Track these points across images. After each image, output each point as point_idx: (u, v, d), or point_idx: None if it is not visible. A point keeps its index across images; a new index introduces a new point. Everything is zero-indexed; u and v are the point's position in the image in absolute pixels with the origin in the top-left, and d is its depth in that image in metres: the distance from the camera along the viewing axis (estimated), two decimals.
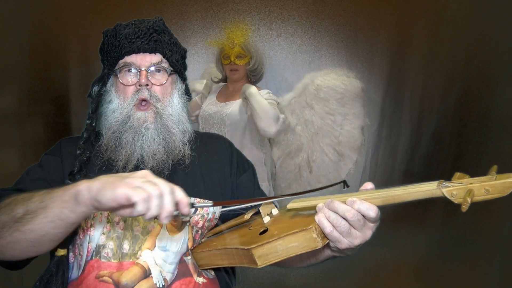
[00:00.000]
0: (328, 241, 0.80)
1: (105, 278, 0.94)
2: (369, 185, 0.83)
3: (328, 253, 0.90)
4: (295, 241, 0.79)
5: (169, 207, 0.71)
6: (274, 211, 0.95)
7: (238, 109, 2.47)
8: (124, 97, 1.04)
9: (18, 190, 0.96)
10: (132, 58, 1.03)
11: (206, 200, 1.04)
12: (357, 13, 2.89)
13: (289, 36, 3.01)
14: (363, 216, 0.77)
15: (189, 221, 1.02)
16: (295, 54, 3.04)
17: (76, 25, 2.78)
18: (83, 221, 0.99)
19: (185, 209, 0.74)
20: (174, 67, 1.08)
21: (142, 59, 1.03)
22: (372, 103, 2.93)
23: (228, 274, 1.09)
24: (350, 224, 0.78)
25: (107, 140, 1.03)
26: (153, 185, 0.71)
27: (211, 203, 0.83)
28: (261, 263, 0.82)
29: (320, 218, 0.79)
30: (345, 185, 1.00)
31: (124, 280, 0.93)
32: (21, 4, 2.53)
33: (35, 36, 2.67)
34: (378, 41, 2.94)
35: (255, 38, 2.74)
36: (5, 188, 0.99)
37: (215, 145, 1.18)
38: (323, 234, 0.79)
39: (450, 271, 2.60)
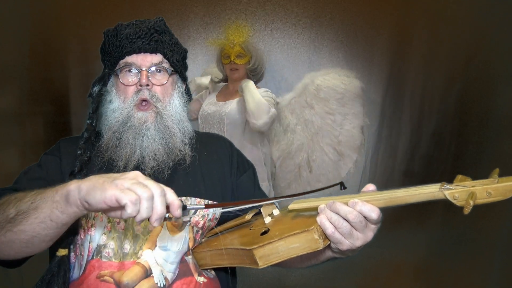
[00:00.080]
0: (329, 242, 0.80)
1: (106, 278, 0.94)
2: (371, 187, 0.83)
3: (329, 254, 0.90)
4: (296, 242, 0.79)
5: (159, 209, 0.70)
6: (275, 212, 0.95)
7: (236, 107, 2.47)
8: (124, 97, 1.04)
9: (16, 190, 0.95)
10: (133, 58, 1.04)
11: (202, 201, 1.04)
12: (357, 13, 2.88)
13: (289, 36, 3.01)
14: (365, 217, 0.77)
15: (189, 221, 1.02)
16: (295, 54, 3.04)
17: (76, 25, 2.77)
18: (84, 221, 0.99)
19: (176, 211, 0.72)
20: (174, 67, 1.08)
21: (143, 59, 1.03)
22: (372, 103, 2.93)
23: (228, 274, 1.09)
24: (352, 226, 0.78)
25: (107, 140, 1.03)
26: (143, 187, 0.69)
27: (203, 205, 0.82)
28: (262, 263, 0.81)
29: (322, 219, 0.79)
30: (342, 187, 1.00)
31: (125, 280, 0.94)
32: (21, 4, 2.53)
33: (35, 36, 2.67)
34: (378, 41, 2.94)
35: (255, 38, 2.74)
36: (2, 188, 0.99)
37: (216, 145, 1.18)
38: (325, 235, 0.79)
39: (450, 271, 2.60)
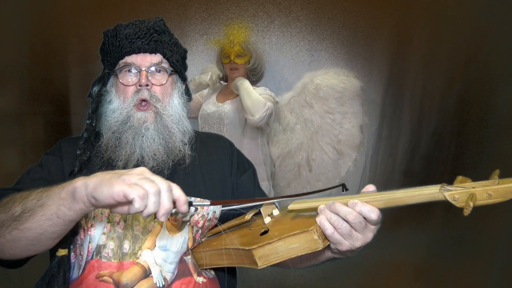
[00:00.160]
0: (329, 243, 0.80)
1: (106, 278, 0.94)
2: (370, 188, 0.83)
3: (328, 254, 0.90)
4: (296, 242, 0.79)
5: (166, 204, 0.70)
6: (275, 212, 0.95)
7: (236, 107, 2.47)
8: (124, 97, 1.04)
9: (18, 190, 0.95)
10: (133, 58, 1.04)
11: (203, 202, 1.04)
12: (357, 13, 2.88)
13: (289, 36, 3.01)
14: (365, 218, 0.77)
15: (189, 221, 1.02)
16: (295, 54, 3.04)
17: (76, 25, 2.77)
18: (84, 221, 0.99)
19: (183, 207, 0.73)
20: (174, 67, 1.08)
21: (143, 59, 1.03)
22: (372, 103, 2.93)
23: (228, 274, 1.09)
24: (352, 226, 0.78)
25: (107, 140, 1.03)
26: (150, 182, 0.70)
27: (208, 202, 0.83)
28: (261, 263, 0.81)
29: (322, 219, 0.79)
30: (344, 188, 1.00)
31: (124, 280, 0.94)
32: (21, 4, 2.53)
33: (35, 36, 2.67)
34: (378, 41, 2.94)
35: (255, 38, 2.74)
36: (4, 188, 0.99)
37: (216, 145, 1.18)
38: (324, 235, 0.79)
39: (450, 271, 2.60)
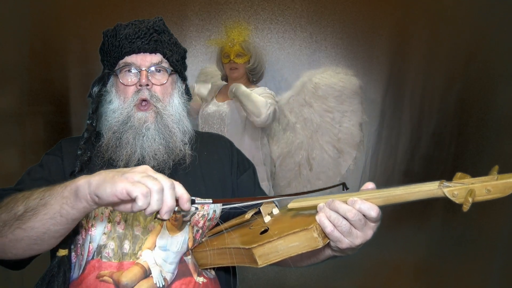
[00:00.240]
0: (328, 241, 0.80)
1: (106, 278, 0.94)
2: (370, 185, 0.83)
3: (328, 252, 0.90)
4: (296, 241, 0.79)
5: (169, 202, 0.71)
6: (275, 211, 0.95)
7: (236, 107, 2.47)
8: (124, 97, 1.04)
9: (19, 190, 0.95)
10: (132, 58, 1.04)
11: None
12: (357, 13, 2.88)
13: (289, 36, 3.01)
14: (364, 216, 0.77)
15: (189, 221, 1.02)
16: (295, 54, 3.04)
17: (76, 25, 2.77)
18: (85, 221, 0.99)
19: (186, 205, 0.73)
20: (174, 67, 1.08)
21: (143, 59, 1.04)
22: (372, 103, 2.93)
23: (228, 273, 1.09)
24: (351, 224, 0.78)
25: (107, 140, 1.04)
26: (153, 180, 0.70)
27: (211, 200, 0.83)
28: (261, 262, 0.82)
29: (321, 217, 0.79)
30: (344, 187, 1.00)
31: (124, 280, 0.94)
32: (21, 4, 2.52)
33: (35, 36, 2.67)
34: (378, 41, 2.94)
35: (254, 38, 2.75)
36: (5, 188, 0.99)
37: (216, 144, 1.18)
38: (324, 233, 0.79)
39: (450, 271, 2.60)
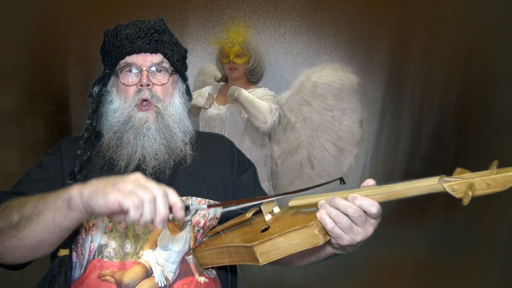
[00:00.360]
0: (329, 237, 0.80)
1: (107, 278, 0.94)
2: (370, 182, 0.84)
3: (329, 250, 0.90)
4: (296, 238, 0.79)
5: (162, 211, 0.70)
6: (276, 209, 0.95)
7: (237, 109, 2.46)
8: (125, 97, 1.04)
9: (17, 193, 0.96)
10: (133, 58, 1.04)
11: (202, 200, 1.04)
12: (357, 13, 2.89)
13: (289, 36, 3.01)
14: (365, 212, 0.78)
15: (190, 221, 1.02)
16: (294, 54, 3.04)
17: (76, 25, 2.77)
18: (86, 221, 0.99)
19: (179, 213, 0.72)
20: (175, 67, 1.08)
21: (143, 59, 1.04)
22: (372, 102, 2.94)
23: (229, 273, 1.09)
24: (352, 221, 0.78)
25: (108, 140, 1.03)
26: (145, 189, 0.69)
27: (205, 205, 0.82)
28: (262, 260, 0.81)
29: (322, 214, 0.79)
30: (341, 181, 1.00)
31: (126, 280, 0.94)
32: (21, 4, 2.52)
33: (35, 36, 2.67)
34: (378, 41, 2.94)
35: (254, 38, 2.74)
36: (3, 191, 0.99)
37: (216, 144, 1.18)
38: (325, 230, 0.79)
39: (450, 270, 2.60)
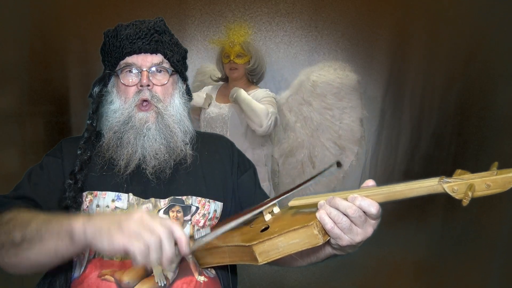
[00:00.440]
0: (329, 238, 0.80)
1: (107, 277, 0.94)
2: (370, 182, 0.84)
3: (329, 251, 0.90)
4: (296, 238, 0.79)
5: (169, 253, 0.71)
6: (276, 209, 0.95)
7: (237, 109, 2.46)
8: (125, 98, 1.04)
9: (20, 197, 0.97)
10: (133, 58, 1.04)
11: (203, 200, 1.04)
12: (357, 13, 2.89)
13: (289, 36, 3.01)
14: (365, 212, 0.78)
15: (190, 220, 1.02)
16: (294, 54, 3.05)
17: (76, 25, 2.77)
18: None
19: (185, 248, 0.73)
20: (175, 67, 1.08)
21: (143, 60, 1.04)
22: (372, 102, 2.94)
23: (229, 273, 1.09)
24: (351, 221, 0.78)
25: (108, 140, 1.04)
26: (150, 233, 0.70)
27: (209, 230, 0.81)
28: (262, 259, 0.81)
29: (321, 214, 0.79)
30: (338, 165, 0.99)
31: (126, 279, 0.94)
32: (21, 4, 2.52)
33: (35, 36, 2.67)
34: (378, 41, 2.94)
35: (254, 38, 2.74)
36: (6, 195, 0.99)
37: (217, 145, 1.18)
38: (324, 230, 0.79)
39: (450, 270, 2.60)
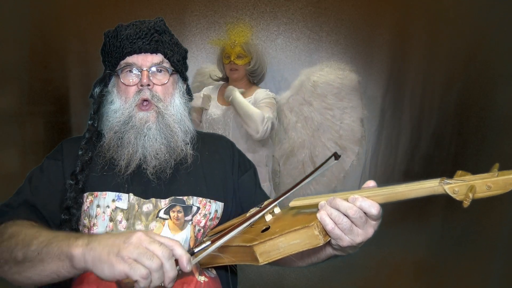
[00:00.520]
0: (329, 238, 0.80)
1: None
2: (371, 183, 0.84)
3: (329, 251, 0.90)
4: (297, 238, 0.79)
5: (171, 273, 0.71)
6: (276, 210, 0.95)
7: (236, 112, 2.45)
8: (126, 98, 1.04)
9: (22, 203, 0.98)
10: (134, 58, 1.04)
11: (203, 200, 1.04)
12: (357, 13, 2.89)
13: (289, 36, 3.01)
14: (365, 213, 0.78)
15: (191, 220, 1.02)
16: (295, 54, 3.05)
17: (76, 25, 2.77)
18: (87, 220, 0.99)
19: (186, 266, 0.73)
20: (175, 67, 1.09)
21: (144, 60, 1.04)
22: (372, 102, 2.94)
23: (229, 273, 1.10)
24: (352, 222, 0.78)
25: (109, 140, 1.04)
26: (150, 257, 0.70)
27: (209, 242, 0.81)
28: (262, 260, 0.81)
29: (322, 215, 0.79)
30: (336, 157, 0.99)
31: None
32: (21, 4, 2.52)
33: (35, 36, 2.67)
34: (378, 41, 2.94)
35: (254, 38, 2.74)
36: (7, 204, 0.99)
37: (217, 144, 1.18)
38: (325, 231, 0.79)
39: (450, 271, 2.61)
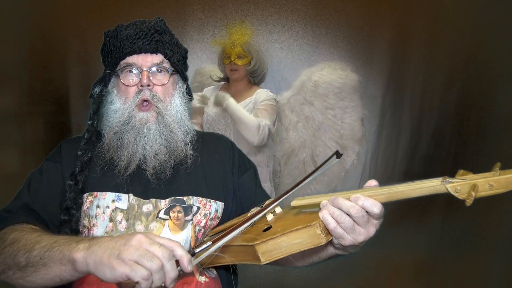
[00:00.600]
0: (331, 237, 0.80)
1: None
2: (373, 182, 0.84)
3: (331, 251, 0.90)
4: (298, 238, 0.79)
5: (172, 274, 0.71)
6: (278, 209, 0.95)
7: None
8: (126, 98, 1.04)
9: (22, 207, 0.98)
10: (134, 58, 1.04)
11: (204, 200, 1.04)
12: (357, 13, 2.89)
13: (289, 36, 3.01)
14: (367, 212, 0.78)
15: (191, 220, 1.02)
16: (294, 53, 3.04)
17: (76, 25, 2.77)
18: (87, 221, 0.99)
19: (187, 266, 0.73)
20: (175, 67, 1.08)
21: (144, 60, 1.04)
22: (372, 102, 2.94)
23: (229, 273, 1.09)
24: (354, 221, 0.78)
25: (108, 141, 1.04)
26: (151, 258, 0.70)
27: (210, 242, 0.81)
28: (264, 259, 0.81)
29: (324, 214, 0.79)
30: (337, 155, 0.98)
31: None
32: (21, 4, 2.52)
33: (35, 36, 2.67)
34: (378, 41, 2.94)
35: (254, 38, 2.74)
36: (7, 209, 0.99)
37: (217, 144, 1.18)
38: (327, 230, 0.79)
39: (450, 271, 2.61)
